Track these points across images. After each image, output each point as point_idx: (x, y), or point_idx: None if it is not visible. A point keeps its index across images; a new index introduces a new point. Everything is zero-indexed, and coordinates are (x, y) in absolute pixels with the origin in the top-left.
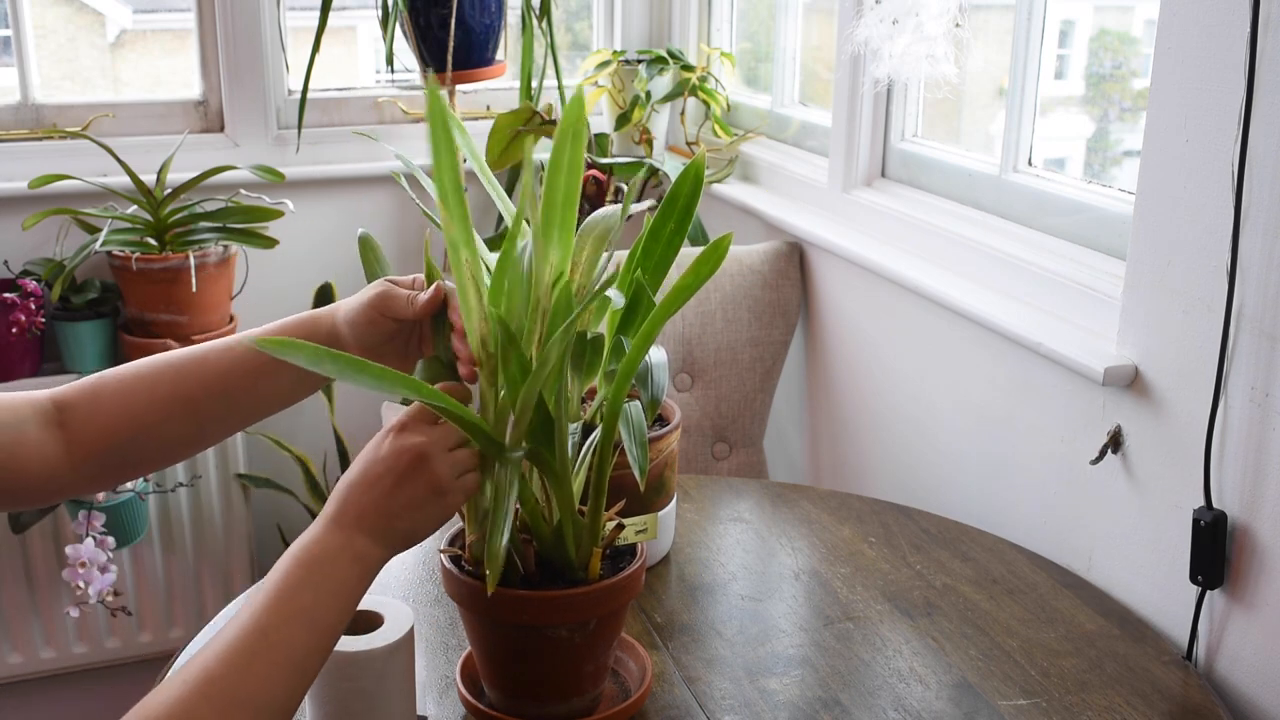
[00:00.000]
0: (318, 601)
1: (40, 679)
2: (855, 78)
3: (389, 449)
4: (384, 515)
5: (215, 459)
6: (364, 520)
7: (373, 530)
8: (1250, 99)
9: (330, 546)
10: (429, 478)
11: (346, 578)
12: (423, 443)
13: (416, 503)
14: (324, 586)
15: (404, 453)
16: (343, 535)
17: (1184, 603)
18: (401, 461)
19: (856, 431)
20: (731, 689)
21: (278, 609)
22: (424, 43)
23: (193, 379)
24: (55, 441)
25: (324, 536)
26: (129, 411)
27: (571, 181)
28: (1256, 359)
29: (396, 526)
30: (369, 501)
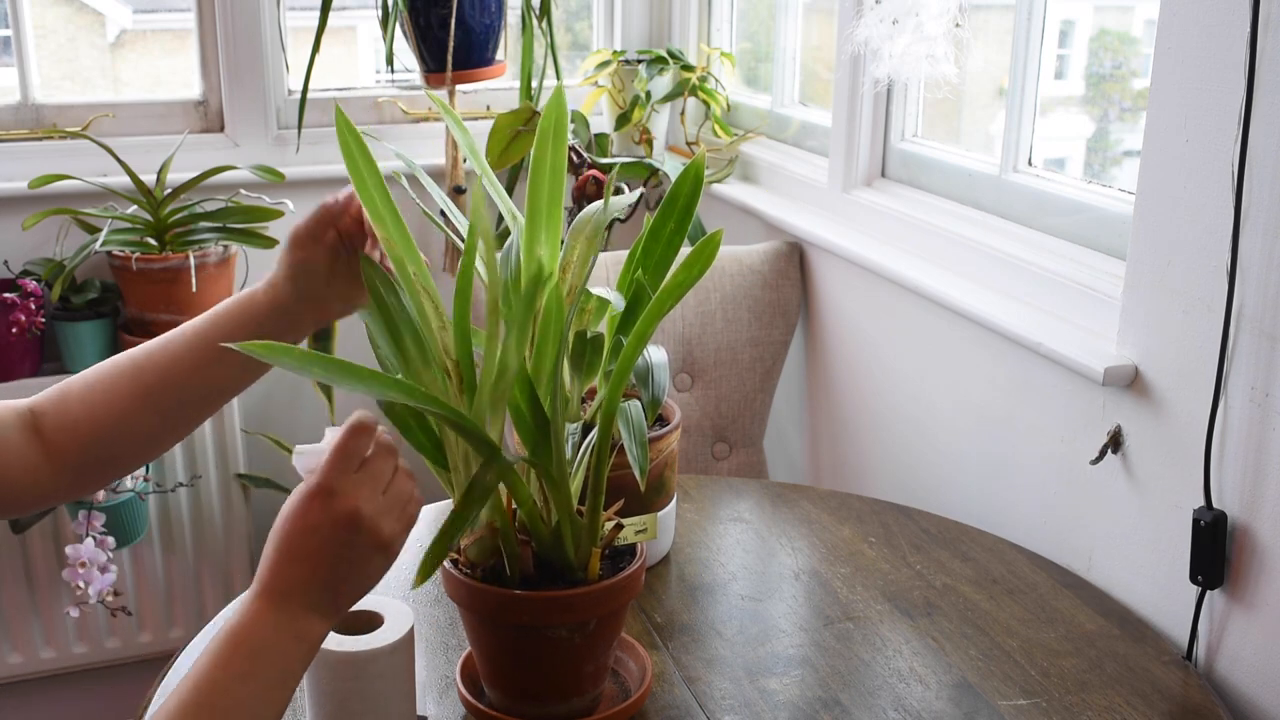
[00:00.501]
0: (260, 693)
1: (40, 679)
2: (855, 78)
3: (318, 519)
4: (326, 588)
5: (215, 459)
6: (306, 596)
7: (316, 605)
8: (1250, 99)
9: (269, 630)
10: (371, 538)
11: (290, 662)
12: (354, 505)
13: (361, 565)
14: (267, 675)
15: (339, 523)
16: (284, 615)
17: (1184, 603)
18: (338, 532)
19: (856, 431)
20: (731, 689)
21: (215, 704)
22: (424, 43)
23: (146, 374)
24: (35, 449)
25: (263, 619)
26: (92, 413)
27: (555, 181)
28: (1256, 359)
29: (342, 593)
30: (306, 577)
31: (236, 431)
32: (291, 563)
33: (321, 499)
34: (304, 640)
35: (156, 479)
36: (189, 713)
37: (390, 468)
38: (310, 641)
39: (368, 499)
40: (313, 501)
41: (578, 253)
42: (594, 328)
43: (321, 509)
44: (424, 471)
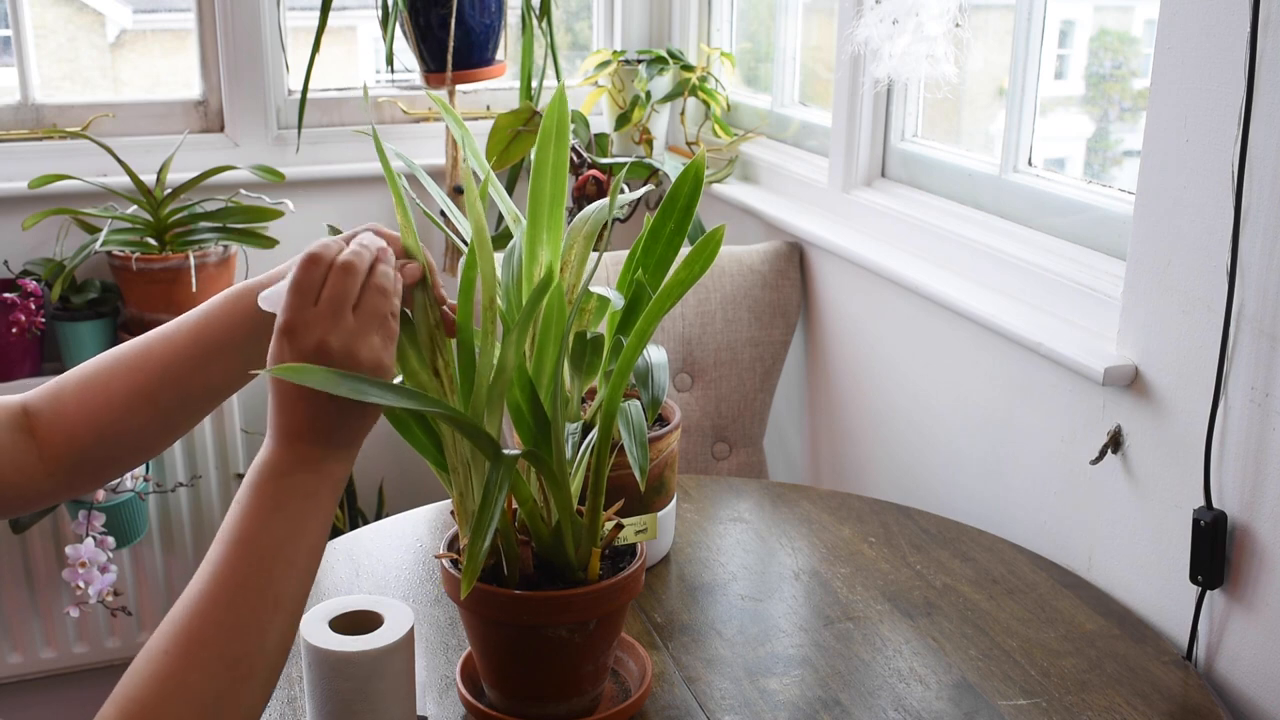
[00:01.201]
0: (290, 530)
1: (40, 679)
2: (855, 78)
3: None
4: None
5: (215, 459)
6: (312, 432)
7: (323, 438)
8: (1250, 99)
9: (290, 467)
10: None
11: (315, 496)
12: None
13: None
14: (294, 512)
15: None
16: (299, 452)
17: (1184, 603)
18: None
19: (856, 431)
20: (731, 689)
21: (248, 550)
22: (424, 43)
23: (143, 373)
24: (29, 449)
25: (279, 458)
26: (88, 414)
27: (558, 181)
28: (1256, 359)
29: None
30: (302, 415)
31: (236, 431)
32: (285, 406)
33: (286, 339)
34: (325, 475)
35: (156, 479)
36: (225, 561)
37: (352, 287)
38: (331, 475)
39: (330, 328)
40: (280, 344)
41: (576, 251)
42: (594, 328)
43: (289, 349)
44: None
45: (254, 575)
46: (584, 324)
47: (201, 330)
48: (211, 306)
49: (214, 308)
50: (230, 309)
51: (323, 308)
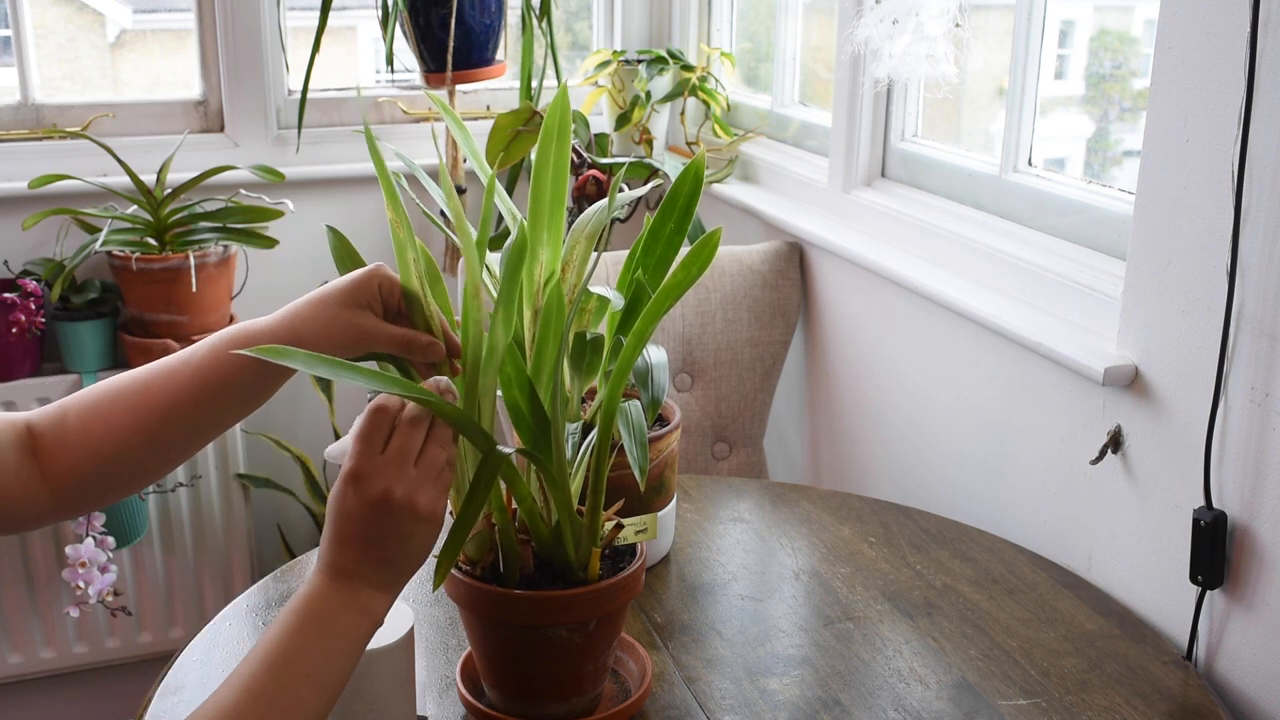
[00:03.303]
0: (327, 661)
1: (40, 679)
2: (855, 78)
3: (356, 504)
4: (380, 565)
5: (215, 459)
6: (362, 573)
7: (373, 580)
8: (1250, 99)
9: (334, 602)
10: (407, 512)
11: (354, 632)
12: (385, 486)
13: (407, 537)
14: (331, 644)
15: (373, 505)
16: (345, 591)
17: (1184, 603)
18: (375, 514)
19: (856, 431)
20: (731, 689)
21: (284, 671)
22: (424, 43)
23: (146, 406)
24: (31, 470)
25: (326, 591)
26: (91, 440)
27: (558, 181)
28: (1256, 359)
29: (396, 568)
30: (358, 557)
31: (236, 431)
32: (342, 545)
33: (352, 485)
34: (367, 613)
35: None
36: (262, 675)
37: (418, 439)
38: (372, 613)
39: (396, 477)
40: (345, 488)
41: (578, 252)
42: (594, 328)
43: (354, 495)
44: None
45: (284, 695)
46: (584, 324)
47: (205, 372)
48: (215, 346)
49: (218, 347)
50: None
51: (389, 457)
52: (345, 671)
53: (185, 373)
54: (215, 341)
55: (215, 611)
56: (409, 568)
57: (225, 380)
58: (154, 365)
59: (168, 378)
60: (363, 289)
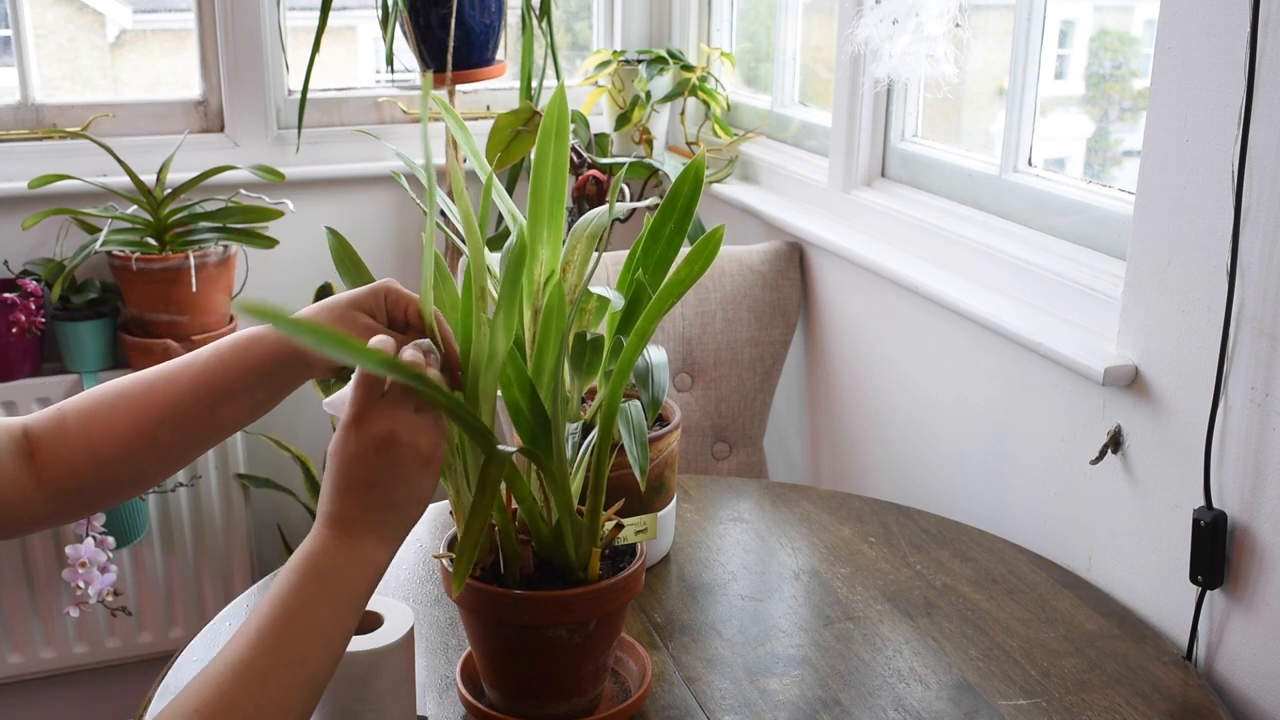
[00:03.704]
0: (330, 614)
1: (40, 679)
2: (855, 78)
3: (359, 447)
4: (382, 511)
5: (215, 459)
6: (365, 521)
7: (375, 528)
8: (1250, 99)
9: (338, 555)
10: (410, 453)
11: (357, 584)
12: (386, 427)
13: (409, 481)
14: (337, 598)
15: (377, 446)
16: (348, 542)
17: (1184, 603)
18: (379, 454)
19: (856, 431)
20: (731, 689)
21: (289, 625)
22: (424, 43)
23: (148, 411)
24: (28, 475)
25: (329, 545)
26: (90, 445)
27: (558, 180)
28: (1256, 359)
29: (401, 513)
30: (361, 503)
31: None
32: (345, 493)
33: (355, 427)
34: (369, 564)
35: None
36: (268, 632)
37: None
38: (375, 564)
39: (399, 418)
40: (348, 432)
41: (578, 253)
42: (594, 328)
43: (357, 437)
44: None
45: (290, 650)
46: (584, 324)
47: (208, 375)
48: (221, 350)
49: (223, 352)
50: (239, 355)
51: (390, 399)
52: (350, 625)
53: (188, 375)
54: (219, 345)
55: (215, 611)
56: (411, 513)
57: (228, 383)
58: (157, 368)
59: (170, 380)
60: (370, 298)
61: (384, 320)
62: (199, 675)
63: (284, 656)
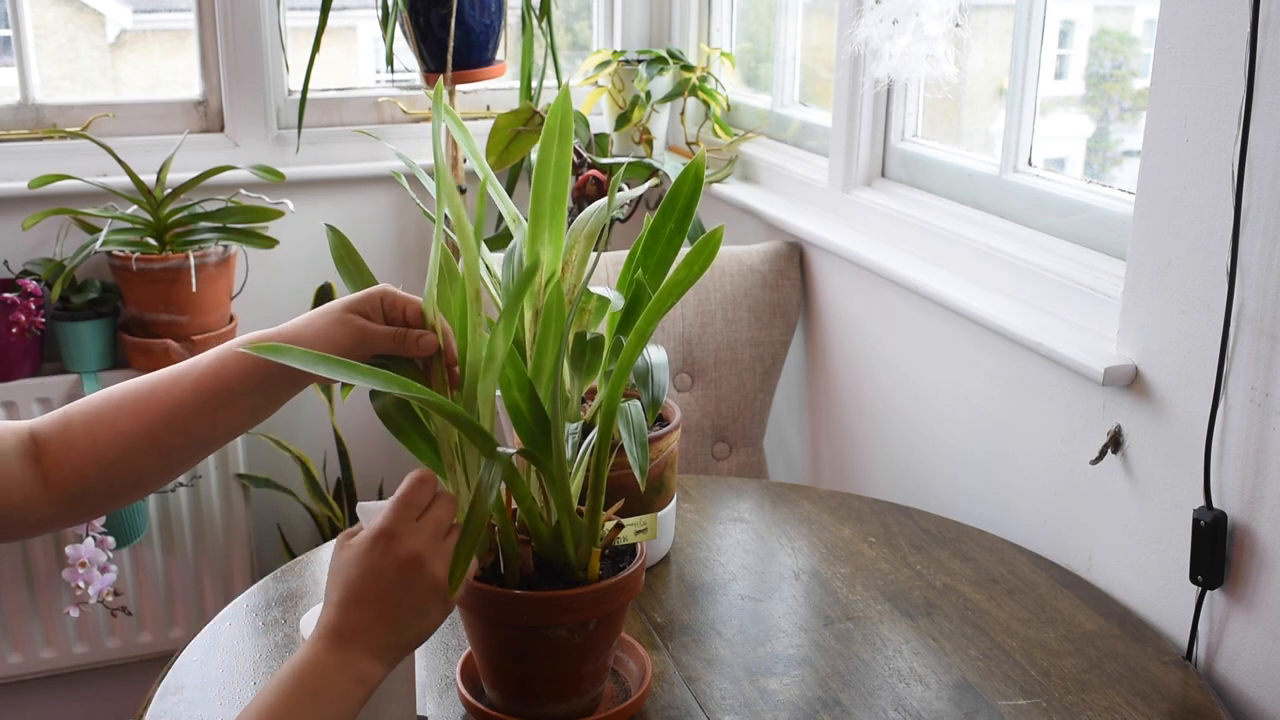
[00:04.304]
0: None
1: (40, 679)
2: (855, 78)
3: (381, 562)
4: (388, 630)
5: (215, 459)
6: (367, 638)
7: (377, 647)
8: (1250, 99)
9: (332, 671)
10: (430, 582)
11: (347, 702)
12: (416, 549)
13: (422, 609)
14: (327, 713)
15: (401, 565)
16: (344, 657)
17: (1184, 603)
18: (401, 574)
19: (856, 431)
20: (731, 689)
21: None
22: (424, 43)
23: (150, 414)
24: (34, 476)
25: (325, 659)
26: (95, 449)
27: (560, 181)
28: (1256, 359)
29: (403, 638)
30: (369, 619)
31: None
32: (355, 606)
33: (384, 542)
34: (364, 683)
35: None
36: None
37: (449, 517)
38: (369, 684)
39: (428, 544)
40: (376, 544)
41: (577, 251)
42: (594, 328)
43: (384, 552)
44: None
45: None
46: (584, 324)
47: (210, 378)
48: (223, 355)
49: (226, 356)
50: (241, 361)
51: (425, 526)
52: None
53: (190, 378)
54: (222, 349)
55: (215, 611)
56: (411, 641)
57: (229, 387)
58: (161, 372)
59: (173, 383)
60: (366, 301)
61: (381, 323)
62: None
63: None
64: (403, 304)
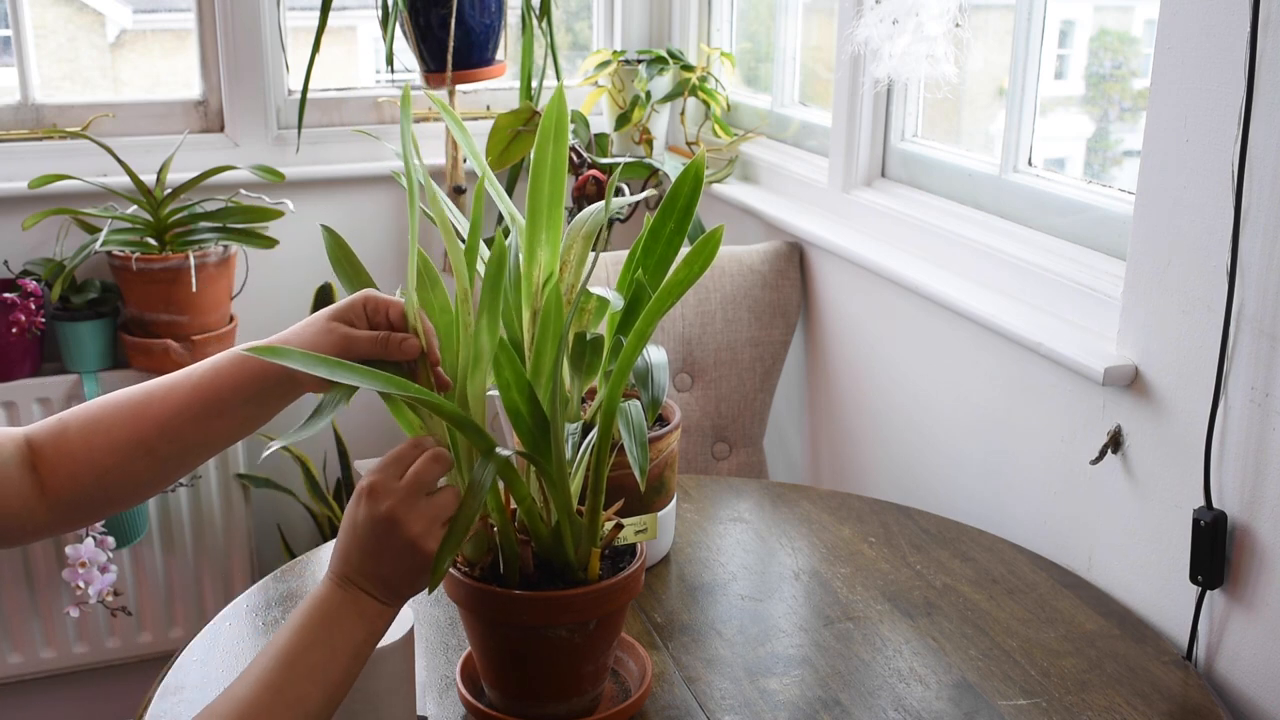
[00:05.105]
0: (330, 658)
1: (40, 679)
2: (855, 78)
3: (361, 516)
4: (376, 576)
5: (215, 459)
6: (362, 580)
7: (372, 591)
8: (1250, 99)
9: (338, 605)
10: (404, 539)
11: (355, 634)
12: (391, 506)
13: (399, 562)
14: (335, 644)
15: (376, 522)
16: (349, 594)
17: (1184, 603)
18: (375, 528)
19: (856, 431)
20: (731, 689)
21: (290, 666)
22: (424, 43)
23: (146, 422)
24: (32, 484)
25: (331, 595)
26: (91, 456)
27: (556, 181)
28: (1256, 359)
29: (390, 587)
30: (358, 564)
31: None
32: (348, 550)
33: (366, 498)
34: (365, 618)
35: None
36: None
37: (435, 475)
38: (373, 621)
39: (403, 501)
40: (359, 500)
41: (575, 251)
42: (594, 328)
43: (365, 508)
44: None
45: (290, 688)
46: (584, 324)
47: (206, 386)
48: (218, 364)
49: (221, 365)
50: (238, 369)
51: (405, 483)
52: (347, 671)
53: (186, 387)
54: (218, 359)
55: (215, 611)
56: (402, 591)
57: (224, 396)
58: (156, 380)
59: (168, 391)
60: (349, 309)
61: (365, 328)
62: (208, 708)
63: (284, 695)
64: (385, 307)
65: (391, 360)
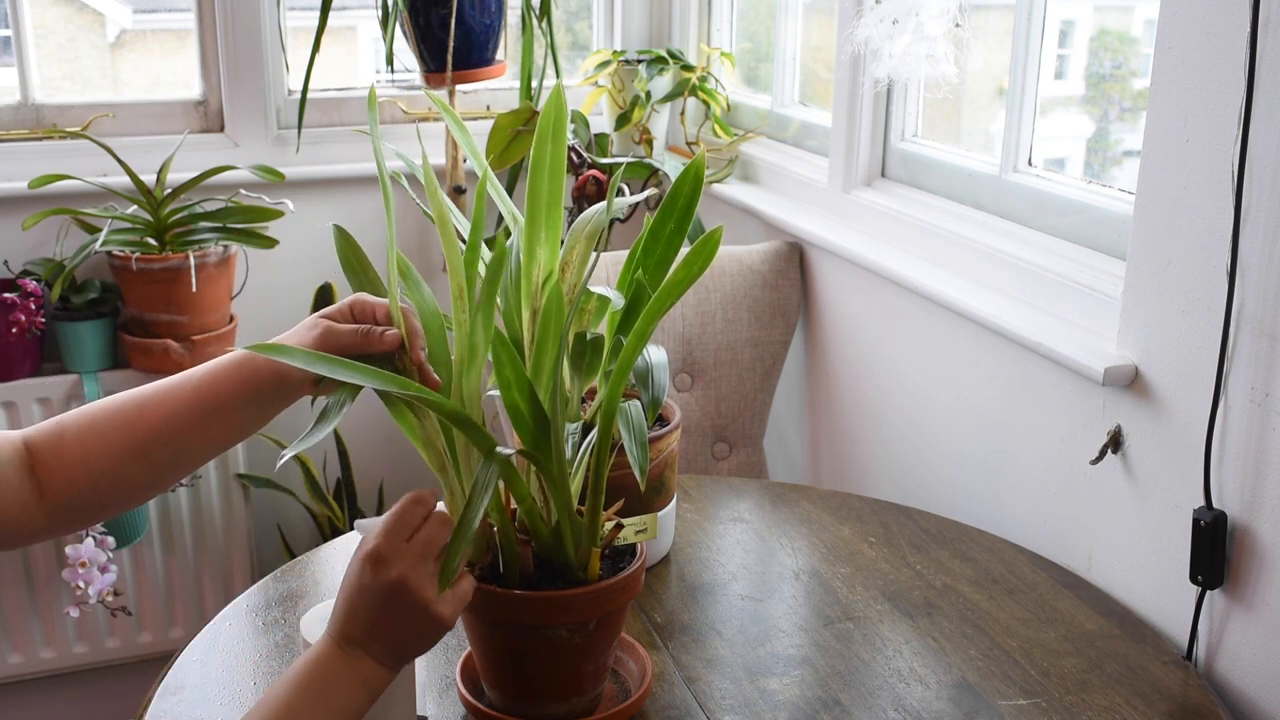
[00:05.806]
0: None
1: (40, 679)
2: (855, 78)
3: (370, 583)
4: (383, 643)
5: (215, 459)
6: (367, 646)
7: (376, 655)
8: (1250, 99)
9: (339, 669)
10: (415, 605)
11: (353, 699)
12: (399, 573)
13: (410, 628)
14: (332, 706)
15: (386, 588)
16: (350, 657)
17: (1184, 603)
18: (385, 596)
19: (856, 431)
20: (731, 689)
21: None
22: (424, 43)
23: (142, 426)
24: (30, 487)
25: (332, 657)
26: (87, 460)
27: (555, 180)
28: (1256, 359)
29: (397, 648)
30: (366, 630)
31: None
32: (353, 615)
33: (372, 564)
34: (367, 684)
35: None
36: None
37: (443, 539)
38: (371, 685)
39: (414, 566)
40: (364, 565)
41: (577, 252)
42: (594, 328)
43: (371, 573)
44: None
45: None
46: (584, 324)
47: (203, 390)
48: (215, 368)
49: (218, 369)
50: (234, 373)
51: (414, 547)
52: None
53: (183, 391)
54: (215, 364)
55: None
56: (407, 651)
57: (222, 399)
58: (153, 384)
59: (165, 395)
60: (338, 315)
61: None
62: None
63: None
64: (372, 307)
65: (373, 352)
